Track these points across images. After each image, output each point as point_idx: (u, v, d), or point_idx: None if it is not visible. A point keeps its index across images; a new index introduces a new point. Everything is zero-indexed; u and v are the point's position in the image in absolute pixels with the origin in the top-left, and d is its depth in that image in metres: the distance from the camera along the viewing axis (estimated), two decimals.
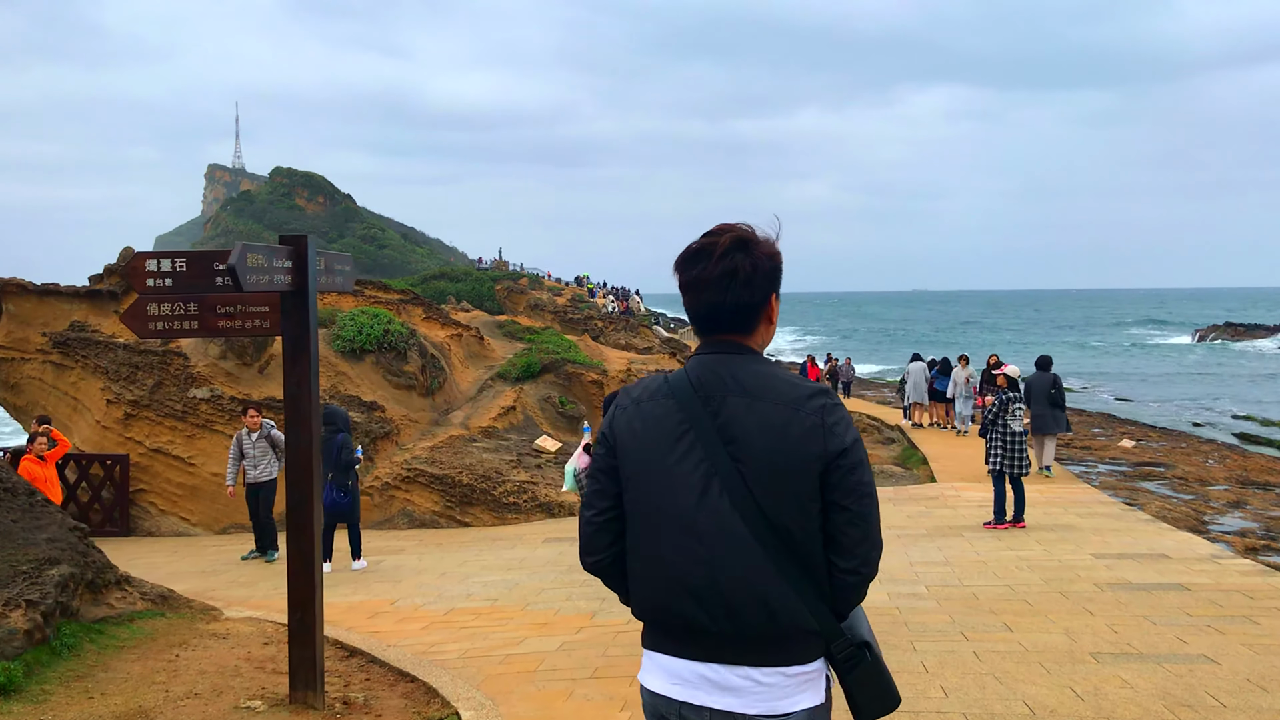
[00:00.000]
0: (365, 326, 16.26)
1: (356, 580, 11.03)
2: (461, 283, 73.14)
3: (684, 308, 2.46)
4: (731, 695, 2.29)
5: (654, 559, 2.35)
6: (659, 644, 2.39)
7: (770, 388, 2.33)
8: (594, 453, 2.50)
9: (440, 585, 10.42)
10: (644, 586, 2.39)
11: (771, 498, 2.26)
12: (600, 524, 2.45)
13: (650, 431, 2.37)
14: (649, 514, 2.36)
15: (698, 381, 2.36)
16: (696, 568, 2.28)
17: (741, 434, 2.29)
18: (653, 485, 2.35)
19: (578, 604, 9.08)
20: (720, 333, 2.40)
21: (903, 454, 22.20)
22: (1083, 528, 11.95)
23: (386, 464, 14.72)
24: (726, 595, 2.26)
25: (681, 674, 2.34)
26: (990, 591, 8.67)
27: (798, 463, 2.26)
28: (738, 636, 2.28)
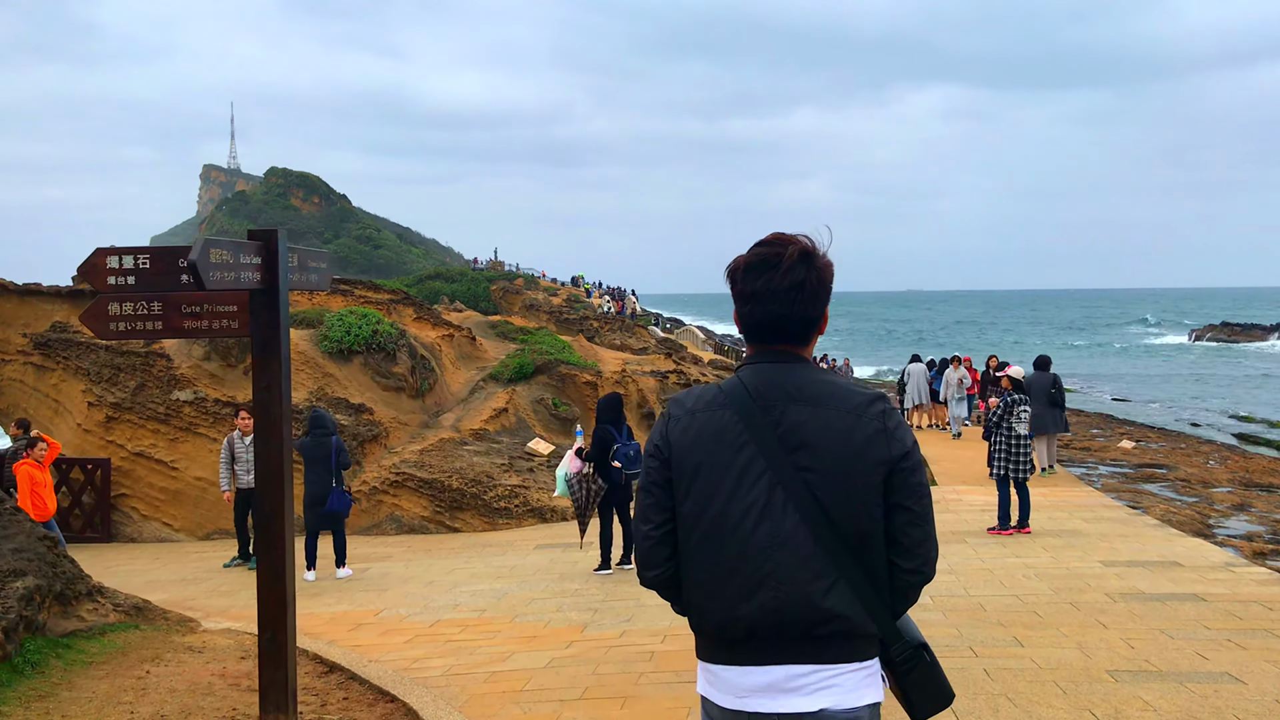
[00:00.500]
0: (354, 327, 15.90)
1: (341, 589, 10.68)
2: (457, 283, 72.87)
3: (739, 315, 2.46)
4: (798, 695, 2.33)
5: (721, 570, 2.35)
6: (721, 656, 2.40)
7: (831, 395, 2.38)
8: (646, 465, 2.49)
9: (427, 595, 10.07)
10: (709, 599, 2.39)
11: (839, 503, 2.31)
12: (659, 538, 2.44)
13: (709, 443, 2.38)
14: (713, 525, 2.36)
15: (755, 391, 2.39)
16: (766, 577, 2.31)
17: (806, 441, 2.34)
18: (716, 496, 2.36)
19: (569, 615, 8.73)
20: (779, 343, 2.43)
21: None
22: (1089, 533, 11.61)
23: (374, 468, 14.37)
24: (796, 602, 2.30)
25: (747, 685, 2.36)
26: (998, 602, 8.33)
27: (864, 467, 2.32)
28: (804, 639, 2.32)
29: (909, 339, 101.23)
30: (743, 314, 2.45)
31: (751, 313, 2.42)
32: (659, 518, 2.44)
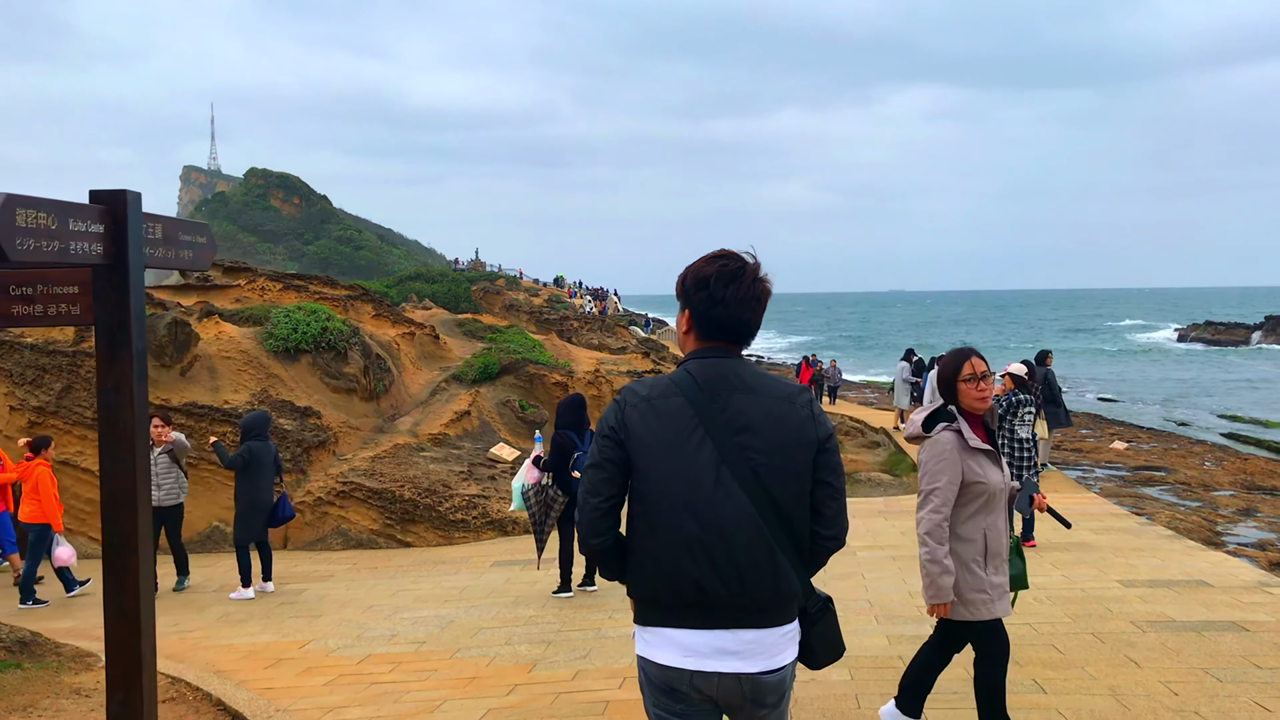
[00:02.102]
0: (301, 324, 14.73)
1: (268, 615, 9.51)
2: (437, 284, 71.93)
3: (702, 315, 2.69)
4: (738, 659, 2.60)
5: (674, 540, 2.59)
6: (669, 619, 2.62)
7: (768, 385, 2.71)
8: (599, 445, 2.66)
9: (364, 622, 8.93)
10: (659, 566, 2.61)
11: (776, 479, 2.63)
12: (605, 509, 2.65)
13: (664, 425, 2.62)
14: (667, 499, 2.60)
15: (703, 381, 2.66)
16: (716, 545, 2.57)
17: (749, 425, 2.63)
18: (670, 473, 2.60)
19: (517, 649, 7.61)
20: (728, 342, 2.72)
21: (889, 460, 20.83)
22: (1100, 546, 10.57)
23: (321, 476, 13.20)
24: (741, 568, 2.58)
25: (694, 645, 2.60)
26: (1010, 633, 7.24)
27: (798, 447, 2.66)
28: (749, 604, 2.60)
29: (889, 341, 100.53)
30: (710, 315, 2.68)
31: (716, 315, 2.66)
32: (608, 491, 2.65)
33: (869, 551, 10.74)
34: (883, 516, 13.09)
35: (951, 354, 4.61)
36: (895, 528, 12.18)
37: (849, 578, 9.41)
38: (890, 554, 10.54)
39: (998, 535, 4.51)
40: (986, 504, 4.44)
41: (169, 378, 13.86)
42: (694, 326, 2.74)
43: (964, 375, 4.45)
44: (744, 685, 2.62)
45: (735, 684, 2.61)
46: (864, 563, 10.12)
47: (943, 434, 4.43)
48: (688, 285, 2.73)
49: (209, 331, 14.67)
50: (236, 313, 15.96)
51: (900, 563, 10.05)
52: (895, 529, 12.09)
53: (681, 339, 2.82)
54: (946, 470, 4.34)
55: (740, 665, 2.60)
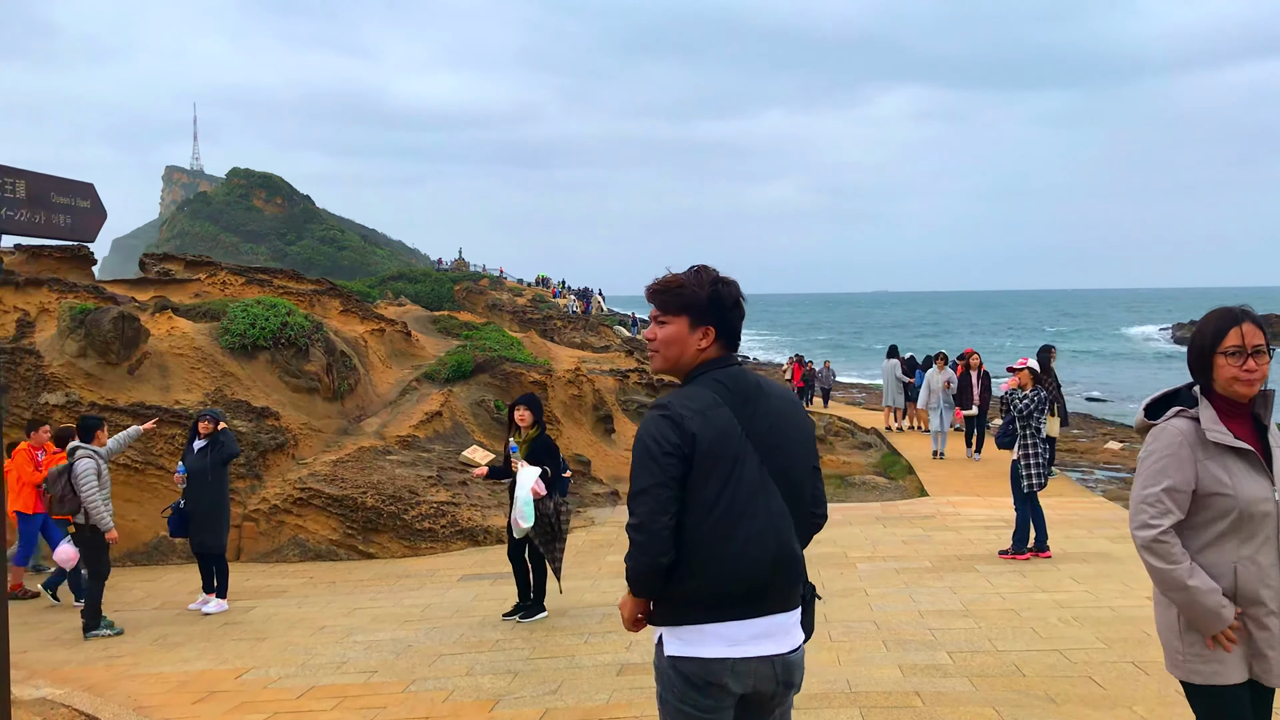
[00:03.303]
0: (259, 318, 13.77)
1: (209, 636, 8.57)
2: (420, 283, 71.07)
3: (733, 330, 2.92)
4: (771, 641, 2.80)
5: (739, 540, 2.75)
6: (715, 616, 2.76)
7: (775, 388, 2.97)
8: (663, 464, 2.73)
9: (311, 647, 8.00)
10: (723, 567, 2.75)
11: (797, 473, 2.89)
12: (673, 526, 2.74)
13: (720, 436, 2.77)
14: (730, 504, 2.76)
15: (736, 389, 2.86)
16: (771, 541, 2.78)
17: (775, 425, 2.86)
18: (730, 480, 2.76)
19: (479, 681, 6.70)
20: (735, 350, 2.96)
21: (883, 461, 19.99)
22: (1120, 557, 9.73)
23: (278, 482, 12.24)
24: (786, 559, 2.81)
25: (735, 635, 2.76)
26: (1037, 661, 6.39)
27: (806, 442, 2.96)
28: (788, 590, 2.85)
29: (882, 339, 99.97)
30: (737, 330, 2.93)
31: (739, 330, 2.93)
32: (674, 508, 2.74)
33: (870, 564, 9.88)
34: (881, 523, 12.23)
35: (1214, 315, 3.21)
36: (896, 536, 11.32)
37: (851, 594, 8.54)
38: (894, 566, 9.68)
39: (1257, 574, 3.11)
40: (1237, 526, 3.11)
41: (115, 376, 12.89)
42: (720, 339, 2.90)
43: (1227, 346, 3.14)
44: (776, 667, 2.79)
45: (770, 667, 2.78)
46: (866, 576, 9.26)
47: (1172, 422, 3.20)
48: (725, 304, 2.87)
49: (161, 327, 13.71)
50: (193, 307, 15.00)
51: (906, 576, 9.19)
52: (896, 537, 11.23)
53: (694, 355, 2.89)
54: (1171, 471, 3.12)
55: (773, 647, 2.78)
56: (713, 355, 2.89)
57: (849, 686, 6.02)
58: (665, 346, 2.90)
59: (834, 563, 9.94)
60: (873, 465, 19.64)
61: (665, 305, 2.89)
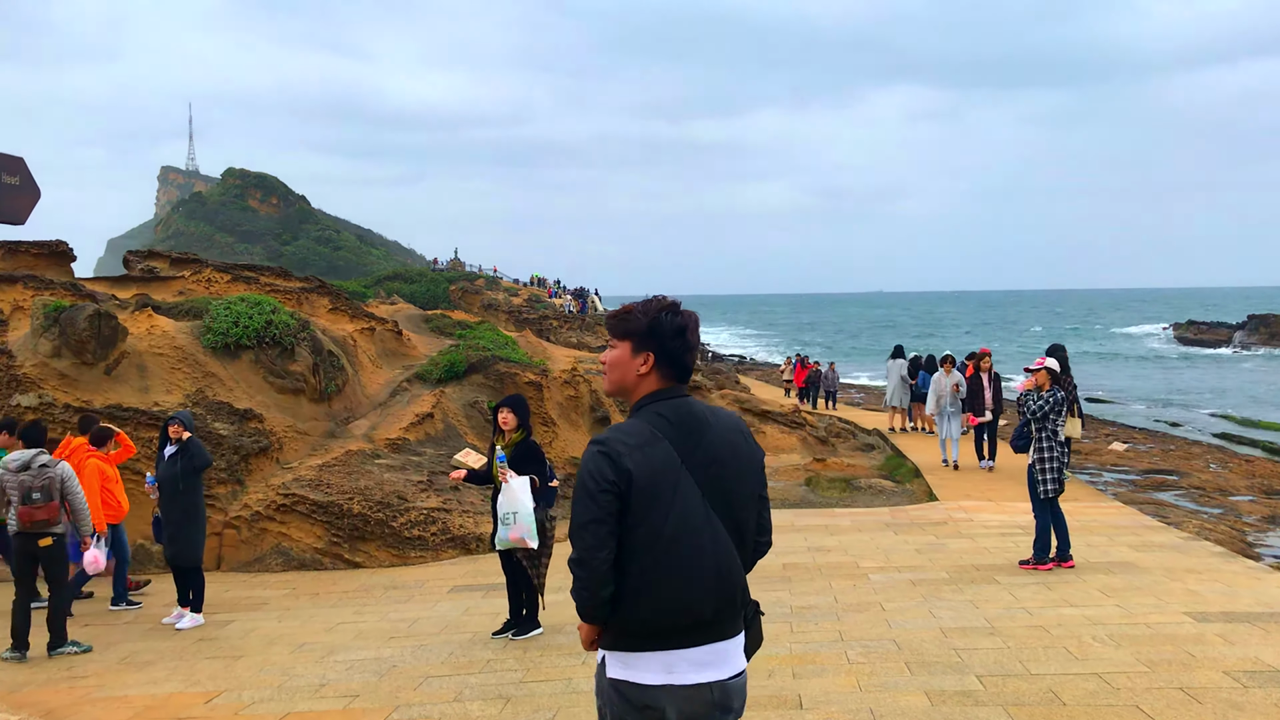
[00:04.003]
0: (243, 316, 13.22)
1: (181, 654, 8.02)
2: (416, 284, 70.65)
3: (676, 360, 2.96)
4: (711, 669, 2.85)
5: (679, 572, 2.80)
6: (657, 644, 2.82)
7: (723, 419, 3.01)
8: (599, 500, 2.78)
9: (289, 667, 7.46)
10: (664, 597, 2.80)
11: (740, 505, 2.94)
12: (611, 560, 2.80)
13: (657, 470, 2.81)
14: (669, 538, 2.80)
15: (677, 421, 2.89)
16: (712, 571, 2.83)
17: (717, 458, 2.90)
18: (669, 513, 2.80)
19: (468, 708, 6.17)
20: (683, 382, 2.99)
21: (887, 463, 19.47)
22: (1148, 568, 9.22)
23: (261, 488, 11.69)
24: (730, 588, 2.86)
25: (675, 663, 2.82)
26: (1075, 686, 5.87)
27: (753, 472, 3.00)
28: (733, 616, 2.89)
29: (875, 340, 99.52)
30: (682, 361, 2.96)
31: (685, 361, 2.96)
32: (612, 543, 2.80)
33: (883, 574, 9.35)
34: (892, 530, 11.71)
35: None
36: (909, 544, 10.79)
37: (866, 609, 8.01)
38: (909, 577, 9.16)
39: None
40: None
41: (92, 376, 12.33)
42: (660, 368, 2.94)
43: None
44: (715, 693, 2.84)
45: (709, 693, 2.83)
46: (880, 589, 8.73)
47: None
48: (664, 332, 2.92)
49: (140, 325, 13.16)
50: (175, 305, 14.45)
51: (923, 588, 8.66)
52: (908, 545, 10.71)
53: (635, 380, 2.95)
54: None
55: (713, 674, 2.83)
56: (656, 384, 2.95)
57: (873, 716, 5.50)
58: (611, 369, 3.00)
59: (846, 573, 9.42)
60: (877, 468, 19.12)
61: (613, 330, 3.00)
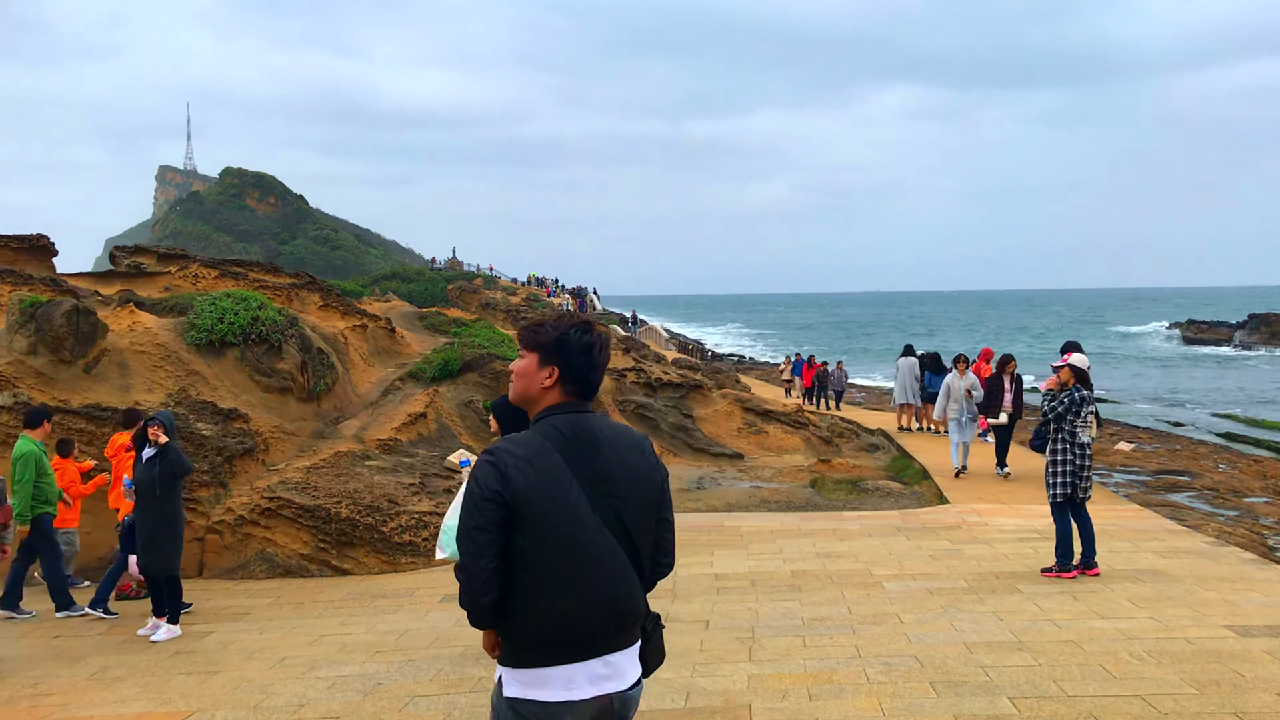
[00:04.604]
0: (228, 313, 12.73)
1: (152, 671, 7.53)
2: (414, 283, 70.32)
3: (581, 377, 2.99)
4: (608, 681, 2.88)
5: (567, 587, 2.83)
6: (550, 659, 2.84)
7: (621, 437, 3.03)
8: (483, 509, 2.81)
9: (268, 684, 6.98)
10: (551, 611, 2.83)
11: (635, 522, 2.94)
12: (494, 569, 2.81)
13: (545, 482, 2.83)
14: (556, 550, 2.83)
15: (572, 436, 2.92)
16: (601, 587, 2.86)
17: (612, 474, 2.93)
18: (556, 526, 2.82)
19: None
20: (587, 399, 3.01)
21: (893, 464, 18.99)
22: (1178, 575, 8.75)
23: (245, 491, 11.19)
24: (621, 602, 2.90)
25: (572, 677, 2.84)
26: (1118, 711, 5.39)
27: (651, 491, 3.01)
28: (625, 629, 2.93)
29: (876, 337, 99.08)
30: (587, 378, 2.99)
31: (591, 379, 2.99)
32: (494, 551, 2.81)
33: (898, 582, 8.87)
34: (904, 535, 11.22)
35: None
36: (922, 550, 10.31)
37: (883, 621, 7.53)
38: (926, 585, 8.67)
39: None
40: None
41: (69, 375, 11.84)
42: (564, 383, 2.98)
43: None
44: (615, 703, 2.90)
45: (608, 703, 2.88)
46: (896, 598, 8.25)
47: None
48: (571, 348, 2.96)
49: (121, 322, 12.66)
50: (159, 302, 13.96)
51: (942, 598, 8.18)
52: (923, 551, 10.23)
53: (539, 391, 2.98)
54: None
55: (611, 686, 2.89)
56: (558, 398, 2.98)
57: None
58: (517, 378, 3.03)
59: (858, 581, 8.94)
60: (883, 468, 18.65)
61: (523, 340, 3.03)
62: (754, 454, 19.81)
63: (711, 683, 6.24)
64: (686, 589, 8.97)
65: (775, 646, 6.96)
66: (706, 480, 16.95)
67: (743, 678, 6.30)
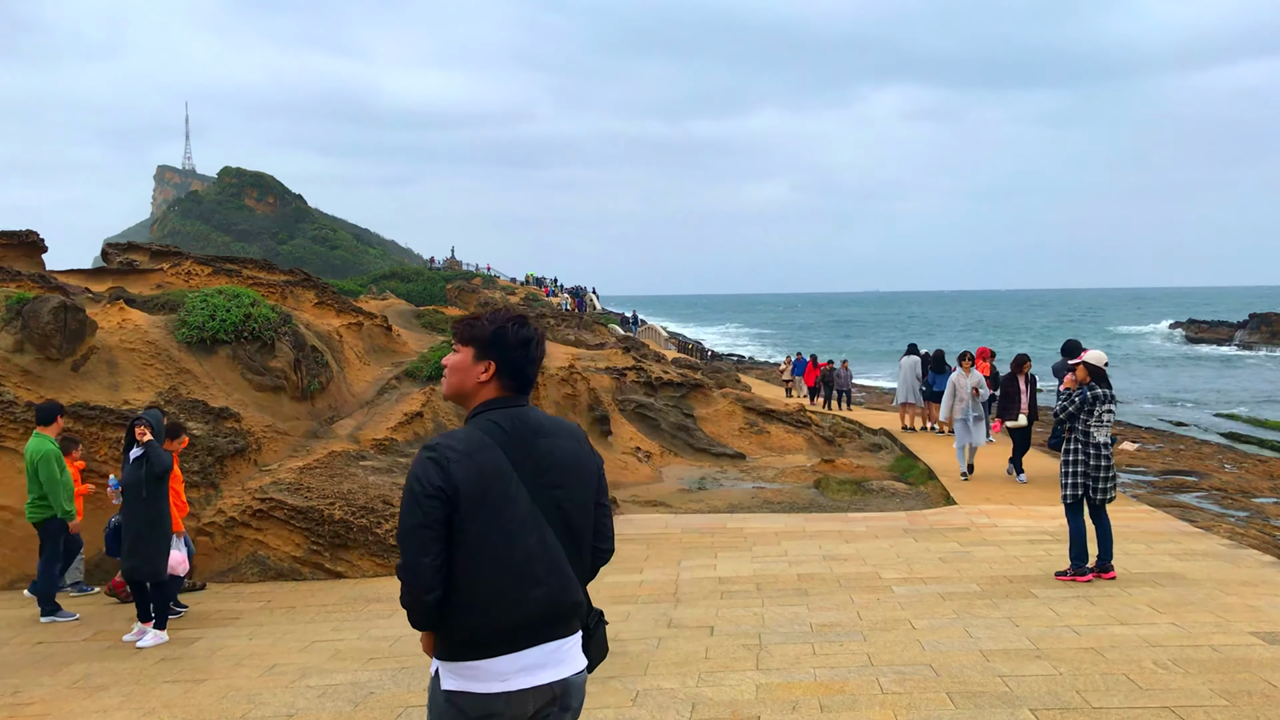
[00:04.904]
0: (220, 310, 12.45)
1: (138, 677, 7.26)
2: (413, 283, 70.17)
3: (517, 370, 2.99)
4: (547, 670, 2.86)
5: (510, 575, 2.82)
6: (487, 652, 2.82)
7: (558, 427, 3.04)
8: (424, 506, 2.79)
9: (256, 692, 6.71)
10: (494, 603, 2.81)
11: (575, 512, 2.97)
12: (439, 565, 2.80)
13: (486, 477, 2.83)
14: (497, 545, 2.82)
15: (511, 430, 2.92)
16: (545, 573, 2.86)
17: (553, 465, 2.93)
18: (498, 520, 2.83)
19: None
20: (524, 392, 3.02)
21: (897, 464, 18.73)
22: (1197, 579, 8.48)
23: (236, 492, 10.92)
24: (559, 594, 2.88)
25: (508, 669, 2.82)
26: None
27: (590, 479, 3.03)
28: (564, 619, 2.91)
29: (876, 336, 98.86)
30: (524, 372, 3.00)
31: (528, 373, 3.01)
32: (438, 548, 2.80)
33: (907, 586, 8.60)
34: (911, 537, 10.96)
35: None
36: (931, 552, 10.05)
37: (894, 627, 7.26)
38: (936, 589, 8.41)
39: None
40: None
41: (57, 373, 11.56)
42: (501, 378, 2.98)
43: None
44: (556, 690, 2.87)
45: (549, 690, 2.85)
46: (906, 603, 7.98)
47: None
48: (508, 342, 2.97)
49: (111, 319, 12.39)
50: (150, 299, 13.68)
51: (954, 603, 7.91)
52: (931, 554, 9.96)
53: (475, 386, 2.98)
54: None
55: (551, 674, 2.86)
56: (494, 393, 2.98)
57: None
58: (450, 372, 3.01)
59: (866, 585, 8.67)
60: (887, 469, 18.39)
61: (458, 335, 3.02)
62: (756, 454, 19.54)
63: (718, 693, 5.97)
64: (690, 593, 8.70)
65: (783, 654, 6.69)
66: (708, 481, 16.68)
67: (750, 687, 6.03)
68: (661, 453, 18.29)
